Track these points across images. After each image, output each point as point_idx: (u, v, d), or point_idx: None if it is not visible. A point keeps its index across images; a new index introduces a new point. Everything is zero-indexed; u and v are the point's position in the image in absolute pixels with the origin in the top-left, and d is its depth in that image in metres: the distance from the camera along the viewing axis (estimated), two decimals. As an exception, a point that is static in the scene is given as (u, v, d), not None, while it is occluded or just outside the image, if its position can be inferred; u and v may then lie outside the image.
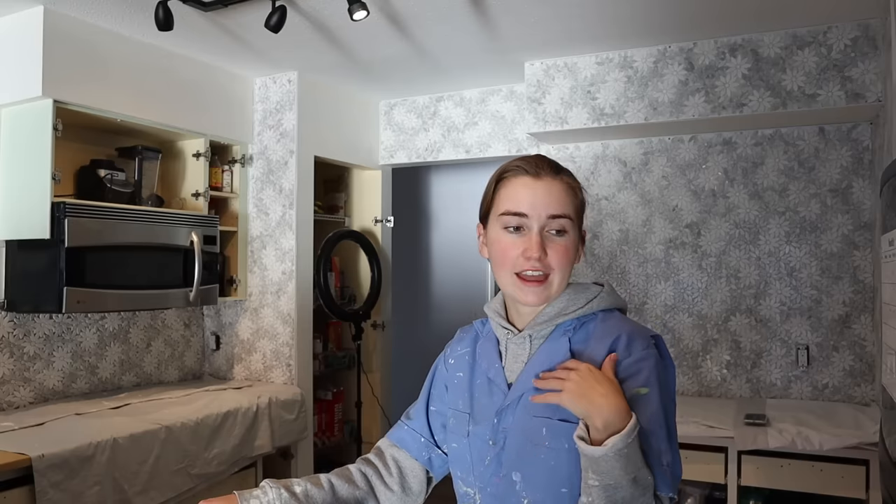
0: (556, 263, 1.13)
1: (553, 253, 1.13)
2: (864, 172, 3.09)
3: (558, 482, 1.08)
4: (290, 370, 3.48)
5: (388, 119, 4.12)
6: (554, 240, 1.13)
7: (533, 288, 1.13)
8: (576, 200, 1.17)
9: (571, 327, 1.16)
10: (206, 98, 3.34)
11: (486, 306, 1.28)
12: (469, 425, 1.21)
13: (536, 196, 1.13)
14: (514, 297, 1.16)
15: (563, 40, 3.10)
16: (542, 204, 1.13)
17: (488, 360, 1.22)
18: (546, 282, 1.13)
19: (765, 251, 3.24)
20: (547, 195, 1.13)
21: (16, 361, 2.86)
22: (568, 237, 1.14)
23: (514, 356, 1.19)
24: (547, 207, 1.13)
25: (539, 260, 1.11)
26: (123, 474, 2.47)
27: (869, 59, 2.79)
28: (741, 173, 3.29)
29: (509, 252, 1.14)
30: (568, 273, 1.15)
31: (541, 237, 1.12)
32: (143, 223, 2.92)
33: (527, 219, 1.13)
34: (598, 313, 1.16)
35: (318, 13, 2.73)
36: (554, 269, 1.13)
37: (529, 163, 1.16)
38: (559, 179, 1.16)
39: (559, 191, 1.14)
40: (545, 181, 1.14)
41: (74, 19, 2.75)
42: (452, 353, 1.33)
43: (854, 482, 2.56)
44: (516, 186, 1.15)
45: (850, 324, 3.09)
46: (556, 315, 1.15)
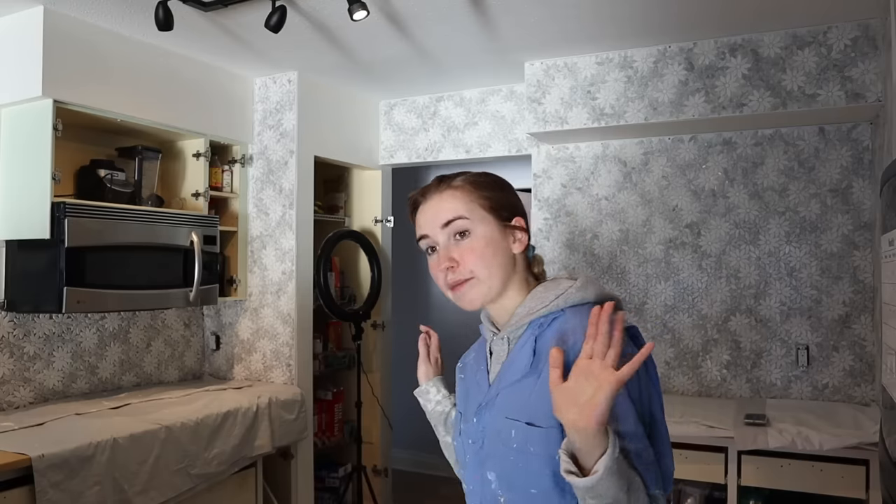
0: (472, 264, 1.15)
1: (460, 256, 1.16)
2: (864, 172, 3.09)
3: (527, 483, 1.09)
4: (290, 370, 3.48)
5: (388, 119, 4.12)
6: (460, 244, 1.17)
7: (460, 291, 1.17)
8: (468, 200, 1.18)
9: (540, 325, 1.16)
10: (206, 98, 3.34)
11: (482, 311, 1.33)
12: (461, 423, 1.28)
13: (427, 215, 1.20)
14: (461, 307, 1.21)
15: (562, 40, 3.10)
16: (432, 219, 1.19)
17: (478, 361, 1.29)
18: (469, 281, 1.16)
19: (765, 251, 3.24)
20: (434, 209, 1.19)
21: (16, 361, 2.86)
22: (473, 236, 1.16)
23: (496, 357, 1.22)
24: (436, 219, 1.18)
25: (451, 269, 1.16)
26: (123, 474, 2.47)
27: (869, 59, 2.79)
28: (741, 173, 3.29)
29: (435, 271, 1.20)
30: (497, 268, 1.16)
31: (447, 248, 1.17)
32: (143, 223, 2.92)
33: (429, 238, 1.20)
34: (565, 310, 1.15)
35: (318, 13, 2.73)
36: (472, 269, 1.15)
37: (422, 189, 1.24)
38: (442, 190, 1.20)
39: (447, 199, 1.19)
40: (430, 198, 1.21)
41: (74, 19, 2.75)
42: (463, 360, 1.39)
43: (854, 482, 2.56)
44: (418, 214, 1.24)
45: (850, 324, 3.09)
46: (526, 315, 1.17)
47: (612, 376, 0.93)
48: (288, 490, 3.42)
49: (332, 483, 3.97)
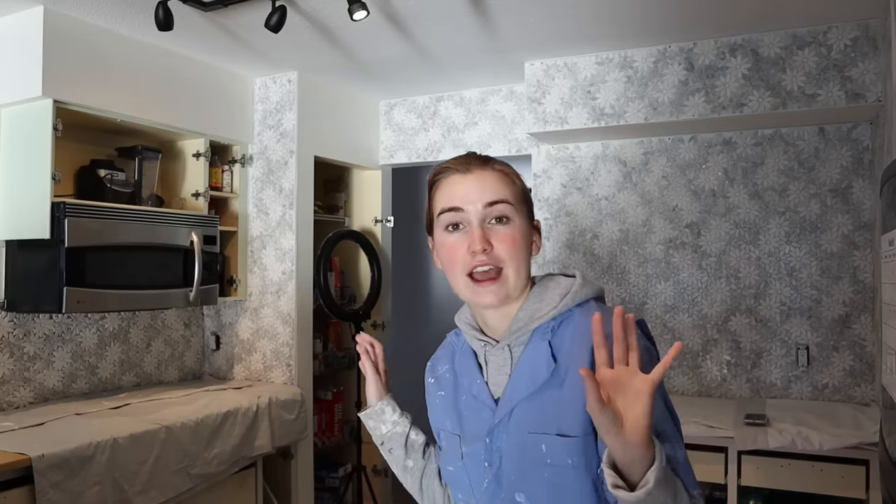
0: (506, 254, 1.05)
1: (499, 243, 1.05)
2: (864, 172, 3.09)
3: (568, 498, 1.01)
4: (290, 370, 3.48)
5: (388, 119, 4.12)
6: (497, 230, 1.06)
7: (487, 287, 1.05)
8: (514, 187, 1.10)
9: (549, 329, 1.07)
10: (206, 98, 3.34)
11: (458, 317, 1.22)
12: (462, 447, 1.15)
13: (468, 188, 1.07)
14: (472, 301, 1.10)
15: (562, 40, 3.10)
16: (475, 194, 1.07)
17: (469, 376, 1.16)
18: (500, 278, 1.05)
19: (765, 251, 3.24)
20: (478, 184, 1.07)
21: (16, 361, 2.86)
22: (513, 225, 1.07)
23: (496, 368, 1.11)
24: (481, 196, 1.06)
25: (485, 252, 1.04)
26: (123, 474, 2.46)
27: (869, 59, 2.79)
28: (741, 173, 3.29)
29: (455, 252, 1.07)
30: (524, 266, 1.08)
31: (482, 229, 1.05)
32: (143, 223, 2.92)
33: (463, 213, 1.07)
34: (574, 308, 1.08)
35: (318, 13, 2.73)
36: (505, 260, 1.05)
37: (457, 161, 1.12)
38: (490, 168, 1.10)
39: (492, 179, 1.09)
40: (475, 173, 1.09)
41: (74, 19, 2.75)
42: (433, 372, 1.28)
43: (854, 482, 2.56)
44: (449, 185, 1.10)
45: (850, 324, 3.09)
46: (530, 319, 1.08)
47: (646, 383, 0.85)
48: (288, 490, 3.42)
49: (332, 483, 3.97)
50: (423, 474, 1.34)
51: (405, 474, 1.34)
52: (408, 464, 1.33)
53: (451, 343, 1.26)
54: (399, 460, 1.34)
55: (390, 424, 1.34)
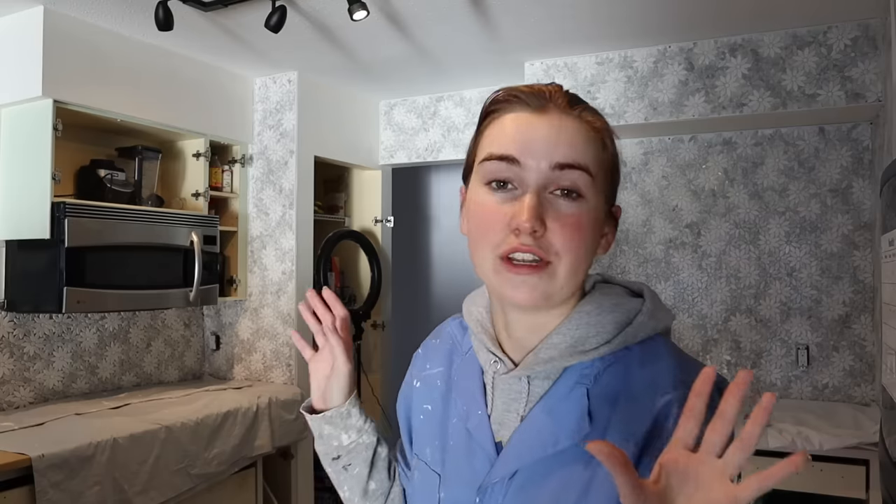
0: (562, 243, 0.71)
1: (558, 227, 0.71)
2: (864, 172, 3.09)
3: None
4: (290, 370, 3.48)
5: (388, 119, 4.12)
6: (559, 206, 0.72)
7: (524, 276, 0.72)
8: (602, 152, 0.77)
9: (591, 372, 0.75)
10: (206, 98, 3.33)
11: (467, 304, 0.90)
12: (440, 491, 0.84)
13: (536, 135, 0.73)
14: (497, 291, 0.75)
15: (562, 40, 3.10)
16: (543, 146, 0.72)
17: (468, 400, 0.83)
18: (544, 270, 0.72)
19: (765, 251, 3.24)
20: (553, 135, 0.73)
21: (16, 361, 2.86)
22: (584, 205, 0.73)
23: (504, 401, 0.80)
24: (551, 151, 0.72)
25: (533, 234, 0.70)
26: (123, 474, 2.46)
27: (869, 59, 2.79)
28: (741, 173, 3.29)
29: (491, 220, 0.73)
30: (584, 263, 0.74)
31: (539, 199, 0.71)
32: (143, 223, 2.92)
33: (518, 168, 0.72)
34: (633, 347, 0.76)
35: (318, 13, 2.73)
36: (559, 252, 0.72)
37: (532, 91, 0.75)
38: (575, 115, 0.75)
39: (574, 130, 0.74)
40: (551, 115, 0.74)
41: (74, 19, 2.75)
42: (419, 371, 0.96)
43: (854, 482, 2.56)
44: (507, 123, 0.75)
45: (850, 324, 3.09)
46: (569, 350, 0.75)
47: (730, 495, 0.56)
48: (288, 490, 3.42)
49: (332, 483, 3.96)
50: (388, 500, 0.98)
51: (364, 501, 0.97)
52: (370, 486, 0.96)
53: (452, 337, 0.93)
54: (358, 482, 0.96)
55: (355, 433, 0.94)
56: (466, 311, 0.89)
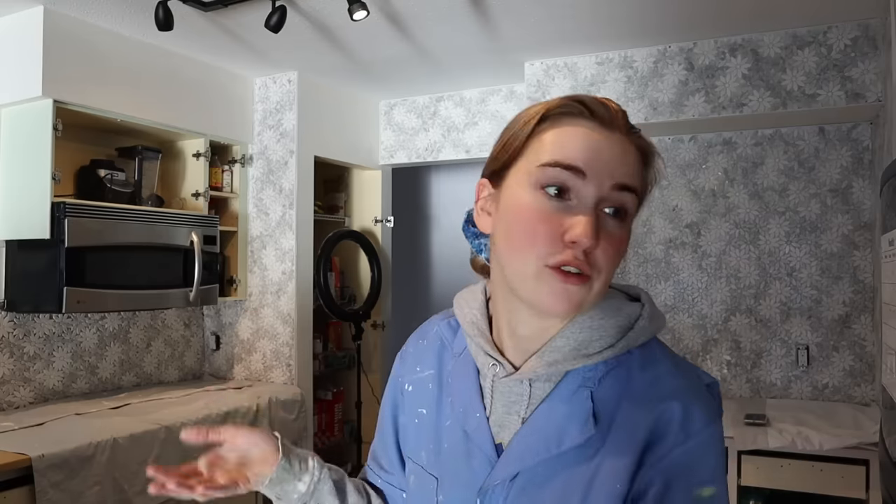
0: (605, 261, 0.73)
1: (607, 245, 0.72)
2: (864, 172, 3.09)
3: None
4: (290, 370, 3.48)
5: (388, 119, 4.12)
6: (608, 225, 0.73)
7: (571, 287, 0.71)
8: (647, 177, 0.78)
9: (595, 375, 0.77)
10: (206, 98, 3.33)
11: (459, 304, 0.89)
12: (438, 495, 0.84)
13: (604, 152, 0.73)
14: (532, 297, 0.74)
15: (563, 40, 3.10)
16: (610, 164, 0.72)
17: (465, 402, 0.83)
18: (587, 282, 0.72)
19: (765, 251, 3.24)
20: (619, 155, 0.73)
21: (16, 361, 2.86)
22: (627, 226, 0.75)
23: (504, 403, 0.80)
24: (616, 171, 0.72)
25: (587, 251, 0.71)
26: (123, 474, 2.46)
27: (869, 59, 2.79)
28: (741, 173, 3.29)
29: (543, 227, 0.71)
30: (611, 279, 0.77)
31: (597, 217, 0.72)
32: (143, 223, 2.92)
33: (583, 182, 0.72)
34: (634, 351, 0.78)
35: (318, 13, 2.73)
36: (602, 269, 0.73)
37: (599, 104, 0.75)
38: (635, 139, 0.76)
39: (634, 155, 0.75)
40: (615, 134, 0.74)
41: (74, 19, 2.75)
42: (408, 373, 0.94)
43: (854, 482, 2.56)
44: (576, 132, 0.74)
45: (850, 324, 3.09)
46: (573, 354, 0.76)
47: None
48: (288, 490, 3.42)
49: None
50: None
51: None
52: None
53: (441, 338, 0.92)
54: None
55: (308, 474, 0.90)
56: (459, 312, 0.88)
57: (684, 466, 0.71)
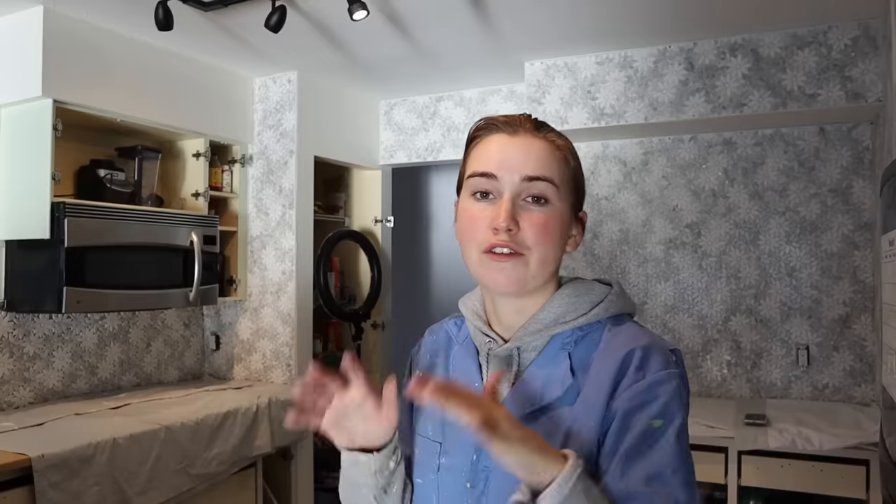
0: (533, 239, 0.89)
1: (529, 226, 0.89)
2: (864, 172, 3.09)
3: None
4: (290, 370, 3.48)
5: (388, 119, 4.12)
6: (530, 209, 0.90)
7: (502, 262, 0.89)
8: (564, 166, 0.94)
9: (572, 339, 0.93)
10: (206, 98, 3.33)
11: (462, 302, 1.06)
12: (440, 458, 0.97)
13: (509, 154, 0.92)
14: (483, 280, 0.94)
15: (562, 40, 3.10)
16: (515, 163, 0.91)
17: (466, 377, 0.98)
18: (519, 258, 0.90)
19: (765, 251, 3.24)
20: (523, 153, 0.92)
21: (16, 361, 2.86)
22: (551, 208, 0.91)
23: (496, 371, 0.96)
24: (521, 167, 0.91)
25: (508, 231, 0.88)
26: (123, 474, 2.46)
27: (869, 59, 2.79)
28: (741, 173, 3.29)
29: (475, 223, 0.92)
30: (552, 256, 0.92)
31: (513, 205, 0.90)
32: (143, 223, 2.92)
33: (496, 181, 0.91)
34: (605, 321, 0.94)
35: (318, 13, 2.73)
36: (530, 246, 0.90)
37: (506, 118, 0.95)
38: (541, 137, 0.94)
39: (540, 150, 0.92)
40: (521, 137, 0.93)
41: (74, 19, 2.75)
42: (422, 362, 1.09)
43: (854, 482, 2.56)
44: (487, 145, 0.94)
45: (851, 324, 3.09)
46: (553, 323, 0.93)
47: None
48: (288, 490, 3.42)
49: (331, 483, 3.97)
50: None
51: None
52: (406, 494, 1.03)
53: (448, 332, 1.08)
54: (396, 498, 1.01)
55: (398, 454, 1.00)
56: (463, 305, 1.05)
57: (639, 401, 0.85)
